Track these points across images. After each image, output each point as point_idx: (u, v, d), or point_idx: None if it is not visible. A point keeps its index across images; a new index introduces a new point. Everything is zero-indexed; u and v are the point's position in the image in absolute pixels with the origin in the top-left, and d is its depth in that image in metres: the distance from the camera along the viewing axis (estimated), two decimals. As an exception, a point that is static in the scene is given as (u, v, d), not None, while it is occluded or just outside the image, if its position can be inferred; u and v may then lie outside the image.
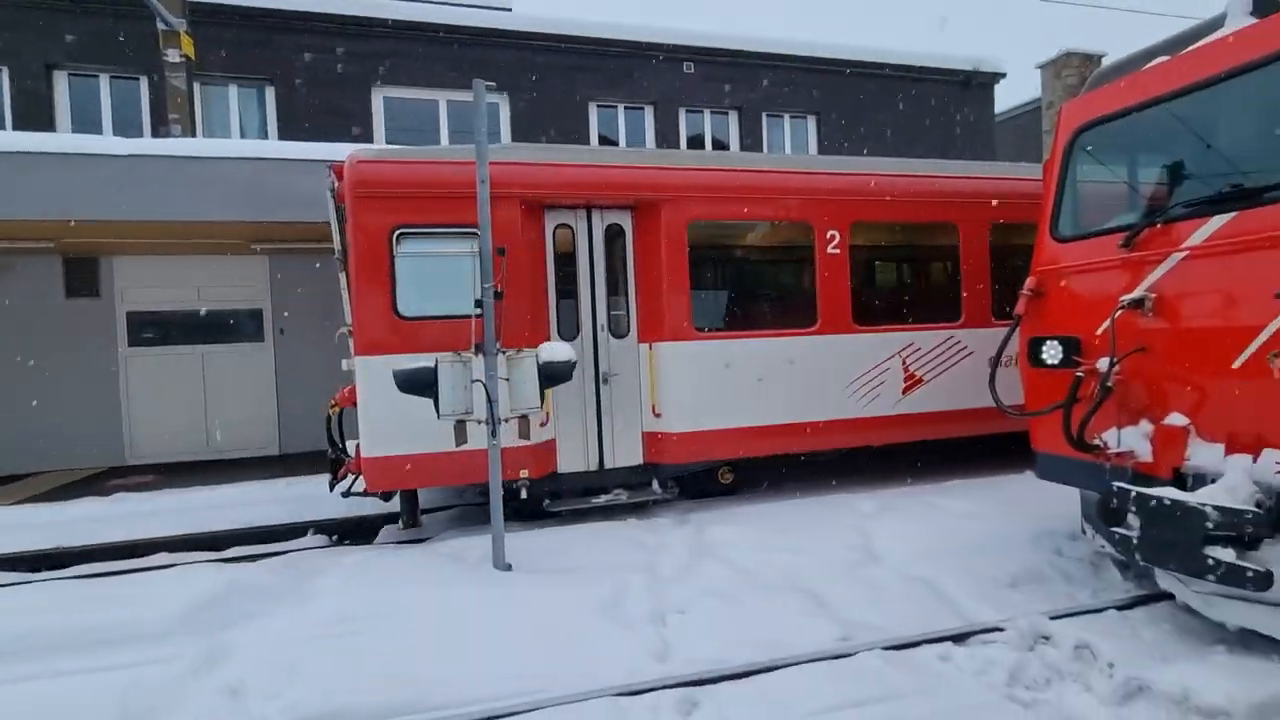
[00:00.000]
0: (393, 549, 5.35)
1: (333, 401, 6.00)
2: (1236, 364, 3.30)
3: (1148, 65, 3.98)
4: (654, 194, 6.13)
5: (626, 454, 6.27)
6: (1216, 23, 3.70)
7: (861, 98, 14.98)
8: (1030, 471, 4.76)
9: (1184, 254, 3.57)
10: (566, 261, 6.11)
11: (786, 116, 14.77)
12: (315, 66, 11.67)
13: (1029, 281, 4.52)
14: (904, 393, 6.79)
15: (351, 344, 5.66)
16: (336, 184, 5.74)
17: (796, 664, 3.39)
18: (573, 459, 6.07)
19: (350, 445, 5.97)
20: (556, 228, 6.07)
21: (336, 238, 6.02)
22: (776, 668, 3.37)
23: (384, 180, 5.47)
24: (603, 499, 6.15)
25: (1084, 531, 4.70)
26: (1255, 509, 2.98)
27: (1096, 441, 3.89)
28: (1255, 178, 3.40)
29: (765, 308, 6.84)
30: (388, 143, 11.67)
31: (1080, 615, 3.79)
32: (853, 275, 6.67)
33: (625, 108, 13.62)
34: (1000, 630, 3.62)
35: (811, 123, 14.94)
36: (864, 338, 6.67)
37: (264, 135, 11.63)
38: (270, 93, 11.74)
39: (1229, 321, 3.36)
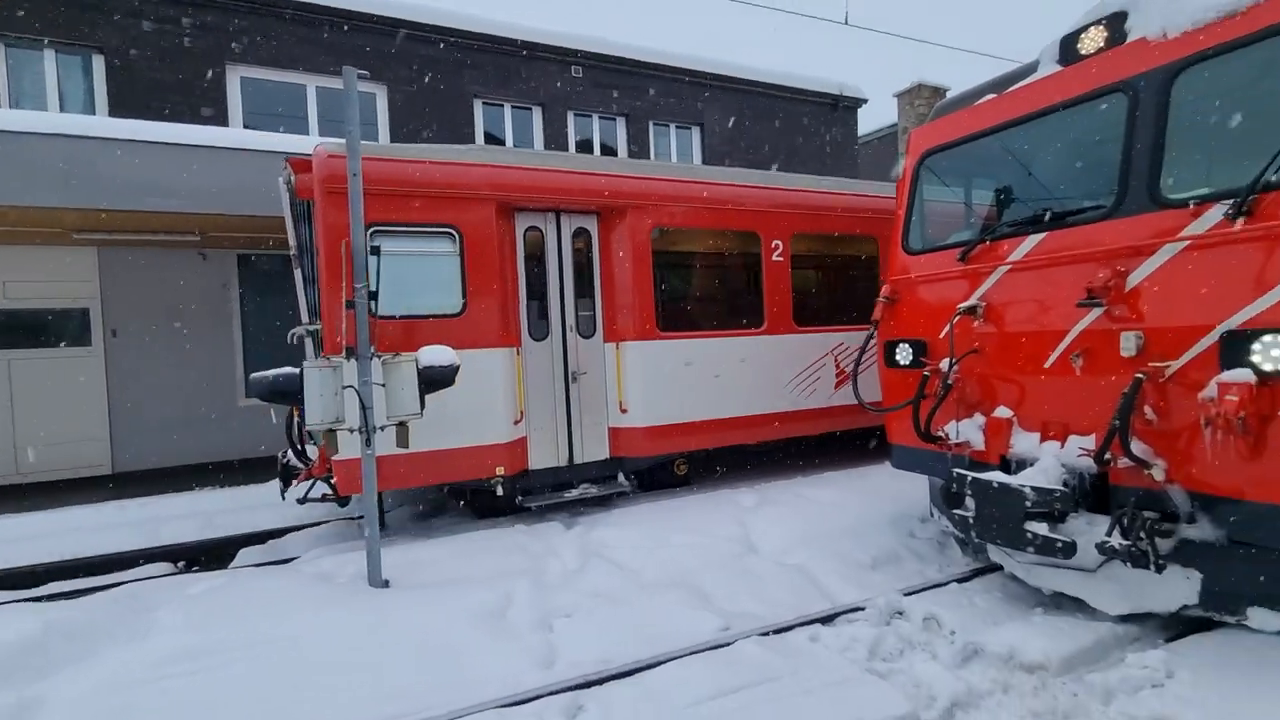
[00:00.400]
0: (251, 574, 4.88)
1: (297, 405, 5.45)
2: (1048, 364, 3.82)
3: (979, 101, 4.52)
4: (621, 200, 6.39)
5: (594, 449, 6.49)
6: (1032, 67, 4.26)
7: (743, 112, 15.74)
8: (889, 462, 5.22)
9: (1007, 267, 4.08)
10: (536, 264, 6.21)
11: (672, 126, 15.19)
12: (157, 37, 10.40)
13: (884, 289, 4.97)
14: (836, 387, 7.56)
15: (310, 345, 5.43)
16: (295, 178, 5.47)
17: (680, 657, 3.50)
18: (543, 455, 6.20)
19: (311, 449, 5.68)
20: (527, 230, 6.16)
21: (292, 235, 5.68)
22: (661, 663, 3.45)
23: (361, 176, 5.33)
24: (574, 493, 6.28)
25: (932, 514, 5.24)
26: (1063, 488, 3.47)
27: (940, 433, 4.36)
28: (1062, 203, 3.97)
29: (721, 310, 7.19)
30: (245, 126, 10.66)
31: (928, 590, 4.23)
32: (794, 281, 7.35)
33: (513, 106, 13.38)
34: (862, 609, 3.94)
35: (696, 134, 15.47)
36: (803, 338, 7.38)
37: (90, 111, 10.19)
38: (99, 62, 10.31)
39: (1042, 326, 3.88)
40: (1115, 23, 3.72)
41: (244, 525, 6.30)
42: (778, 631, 3.79)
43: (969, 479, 3.79)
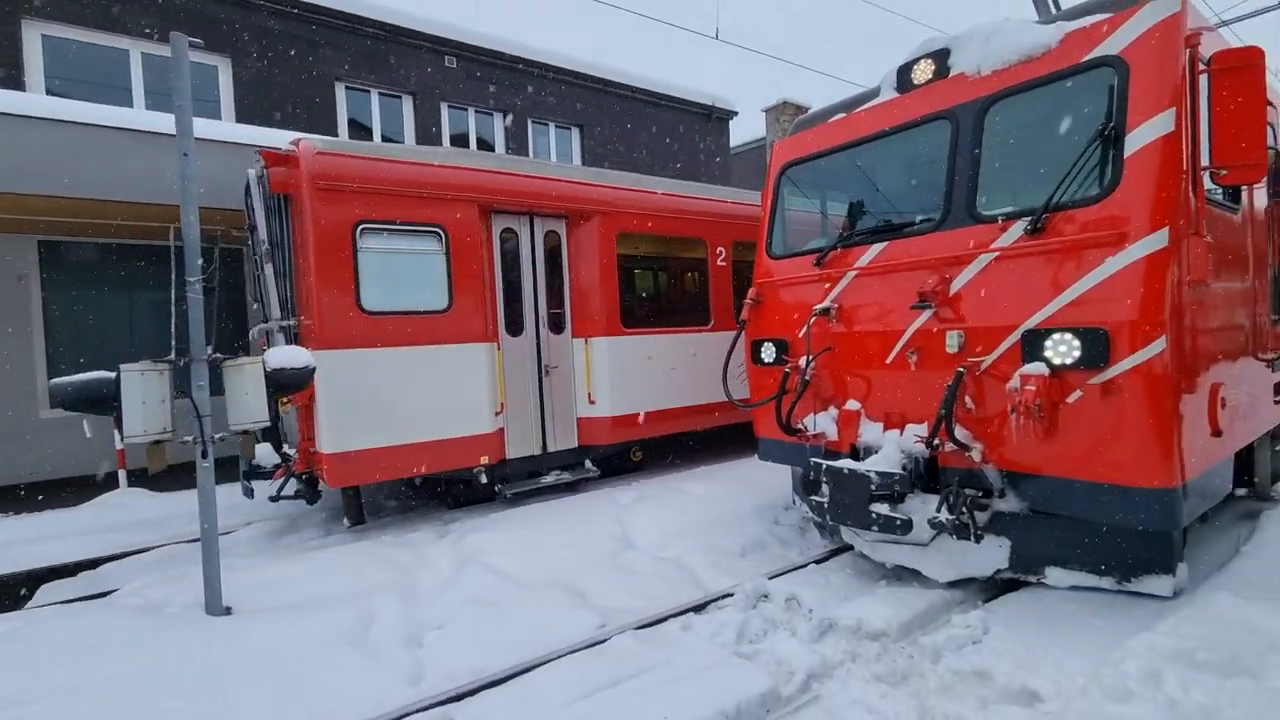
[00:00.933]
0: (54, 613, 4.19)
1: (285, 398, 5.30)
2: (889, 360, 4.23)
3: (831, 119, 4.91)
4: (590, 206, 6.88)
5: (564, 438, 6.93)
6: (875, 92, 4.70)
7: (622, 117, 15.96)
8: (756, 455, 5.52)
9: (855, 273, 4.47)
10: (511, 263, 6.57)
11: (552, 125, 15.08)
12: (-76, -22, 8.67)
13: (751, 291, 5.25)
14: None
15: (282, 341, 5.46)
16: (267, 171, 5.49)
17: (556, 658, 3.47)
18: (520, 445, 6.55)
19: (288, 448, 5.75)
20: (503, 231, 6.50)
21: (264, 228, 5.60)
22: (537, 666, 3.41)
23: (348, 174, 5.45)
24: (549, 479, 6.67)
25: (794, 502, 5.61)
26: (901, 471, 3.86)
27: (800, 426, 4.68)
28: (901, 215, 4.41)
29: (676, 308, 7.94)
30: (49, 93, 9.16)
31: (790, 572, 4.52)
32: (734, 283, 8.11)
33: (380, 94, 12.61)
34: (731, 595, 4.13)
35: (576, 135, 15.47)
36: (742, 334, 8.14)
37: None
38: None
39: (885, 326, 4.28)
40: (940, 58, 4.19)
41: (46, 557, 5.40)
42: (653, 624, 3.88)
43: (824, 467, 4.10)
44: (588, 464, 7.01)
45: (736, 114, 17.78)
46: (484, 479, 6.20)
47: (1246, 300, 4.03)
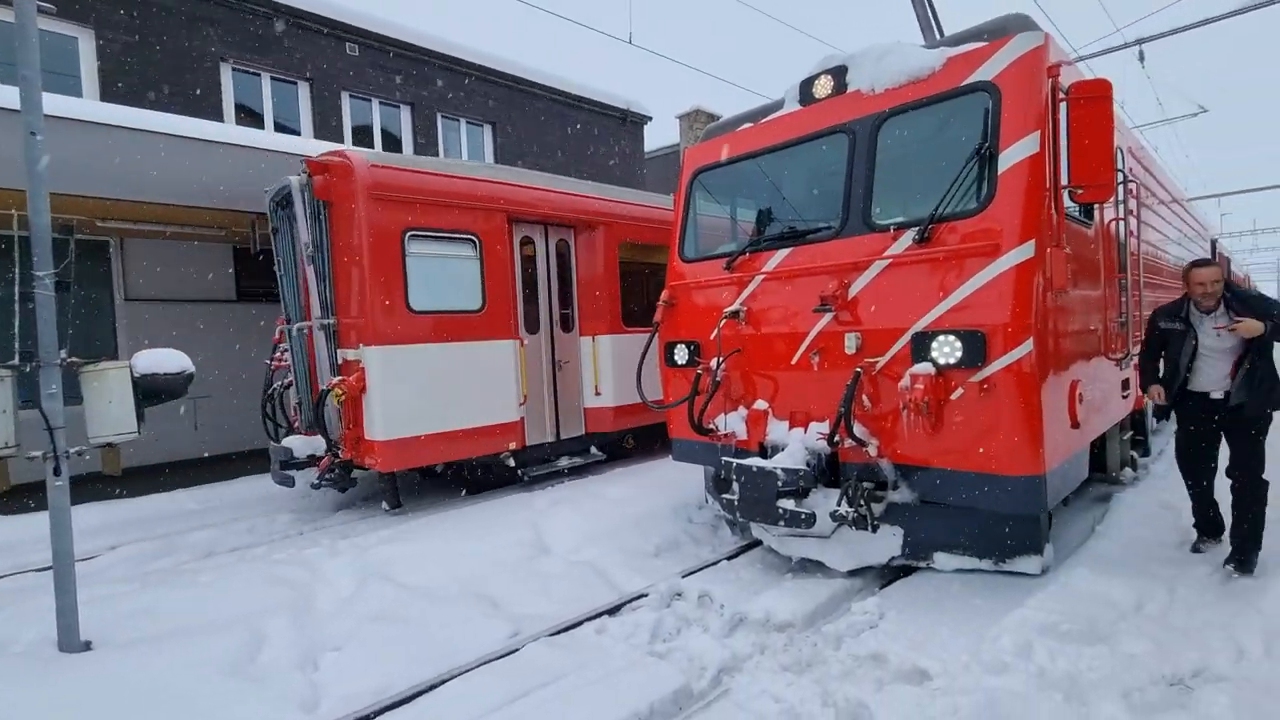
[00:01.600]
0: None
1: (338, 390, 5.77)
2: (794, 360, 4.40)
3: (740, 128, 5.06)
4: (597, 217, 7.66)
5: (573, 427, 7.66)
6: (780, 104, 4.88)
7: (537, 116, 15.74)
8: (671, 456, 5.58)
9: (763, 277, 4.62)
10: (529, 268, 7.30)
11: (464, 121, 14.65)
12: None
13: (664, 294, 5.31)
14: None
15: (323, 339, 6.02)
16: (311, 178, 5.93)
17: (466, 672, 3.35)
18: (536, 433, 7.19)
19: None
20: (522, 240, 7.19)
21: (306, 233, 5.99)
22: (445, 681, 3.27)
23: (398, 185, 5.98)
24: (564, 462, 7.35)
25: (707, 501, 5.73)
26: (805, 467, 4.02)
27: (711, 426, 4.78)
28: (805, 222, 4.60)
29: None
30: None
31: (703, 570, 4.61)
32: None
33: (273, 78, 11.76)
34: (645, 596, 4.16)
35: (488, 132, 15.11)
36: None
37: None
38: None
39: (790, 329, 4.46)
40: (839, 75, 4.42)
41: None
42: (567, 629, 3.83)
43: (734, 465, 4.21)
44: (593, 449, 7.71)
45: (651, 119, 18.00)
46: (511, 463, 6.86)
47: (1098, 306, 4.52)
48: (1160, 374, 4.23)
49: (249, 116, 11.48)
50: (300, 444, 6.13)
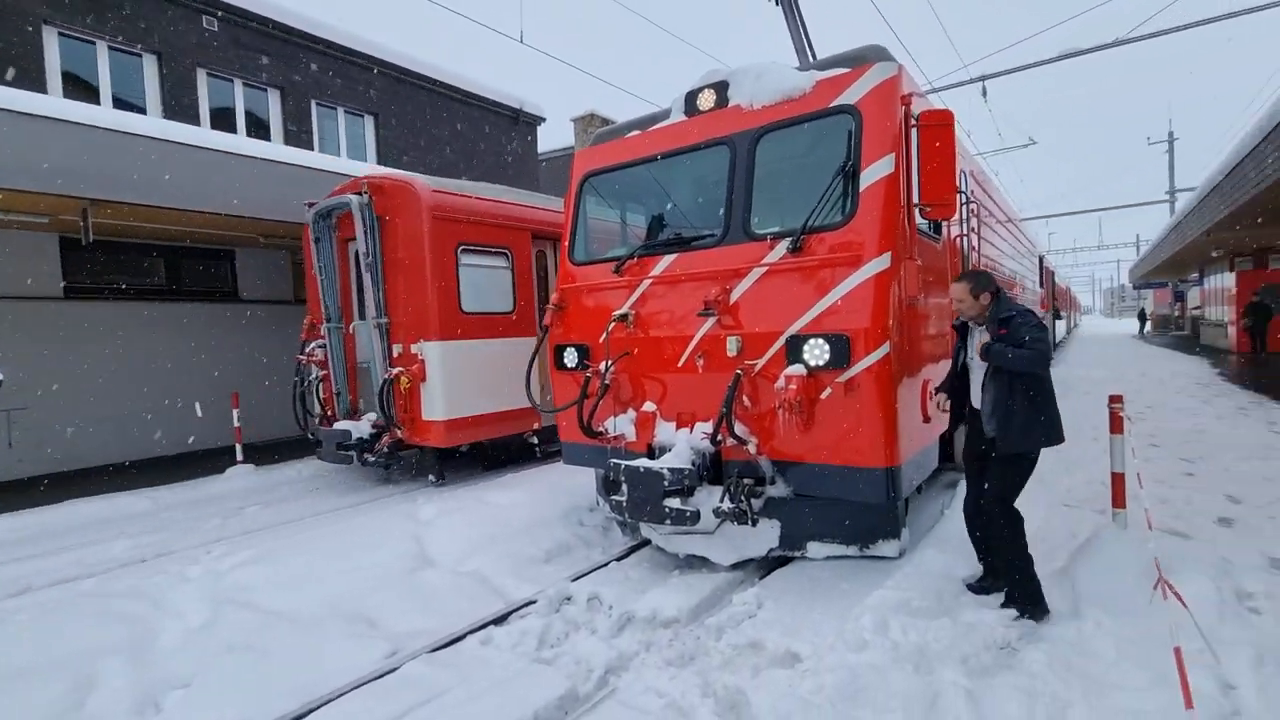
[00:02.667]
0: None
1: (404, 377, 6.84)
2: (680, 363, 4.53)
3: (628, 134, 5.14)
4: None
5: None
6: (666, 113, 5.01)
7: (423, 110, 15.10)
8: (562, 460, 5.55)
9: (650, 281, 4.72)
10: (542, 277, 8.40)
11: (341, 110, 13.76)
12: None
13: (554, 297, 5.28)
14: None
15: (377, 336, 7.02)
16: (372, 198, 6.97)
17: (337, 698, 3.14)
18: (549, 416, 7.31)
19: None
20: (538, 253, 8.29)
21: (365, 244, 6.91)
22: (313, 710, 3.05)
23: (452, 206, 7.11)
24: None
25: (597, 503, 5.75)
26: (691, 466, 4.15)
27: (601, 429, 4.81)
28: (689, 229, 4.75)
29: None
30: None
31: (593, 572, 4.62)
32: None
33: (110, 47, 10.44)
34: (534, 602, 4.10)
35: (370, 123, 14.29)
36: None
37: None
38: None
39: (676, 332, 4.58)
40: (721, 89, 4.61)
41: None
42: (451, 643, 3.69)
43: (622, 467, 4.26)
44: None
45: (545, 120, 17.84)
46: (534, 440, 8.04)
47: (947, 313, 5.04)
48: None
49: (82, 89, 10.13)
50: (353, 427, 7.08)
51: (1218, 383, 13.04)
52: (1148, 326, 41.43)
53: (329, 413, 7.68)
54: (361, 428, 7.11)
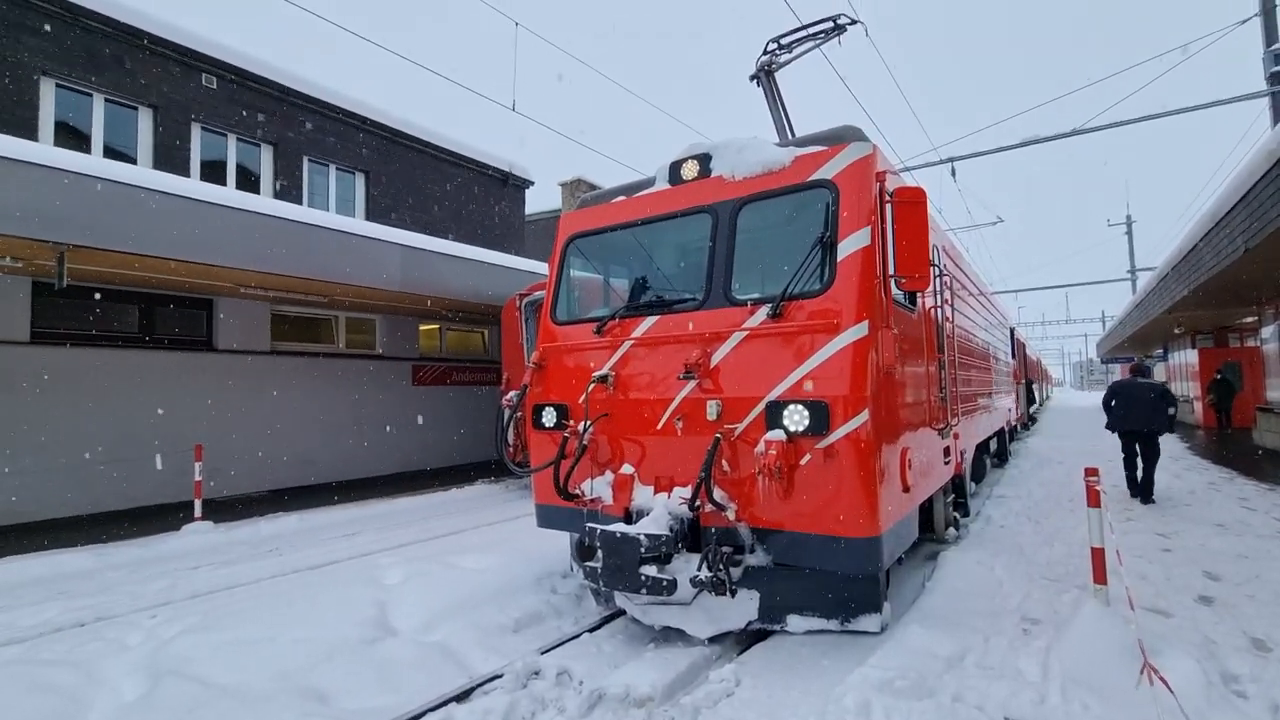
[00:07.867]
0: None
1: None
2: (659, 425, 4.48)
3: (614, 199, 5.26)
4: None
5: None
6: (651, 181, 5.16)
7: (413, 170, 15.44)
8: (535, 522, 5.37)
9: (631, 343, 4.73)
10: None
11: (333, 167, 14.01)
12: None
13: (534, 355, 5.25)
14: None
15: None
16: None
17: (278, 784, 2.88)
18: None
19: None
20: None
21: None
22: (250, 799, 2.78)
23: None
24: None
25: (571, 569, 5.55)
26: (669, 532, 4.03)
27: (577, 491, 4.69)
28: (671, 292, 4.81)
29: None
30: None
31: (563, 645, 4.39)
32: None
33: (109, 100, 10.61)
34: (500, 677, 3.86)
35: (360, 180, 14.55)
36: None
37: None
38: None
39: (656, 394, 4.55)
40: (704, 160, 4.78)
41: None
42: (407, 722, 3.44)
43: (598, 532, 4.13)
44: None
45: (533, 183, 18.32)
46: None
47: (923, 382, 5.10)
48: None
49: (74, 138, 10.21)
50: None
51: (1188, 456, 13.26)
52: (1116, 399, 42.31)
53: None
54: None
